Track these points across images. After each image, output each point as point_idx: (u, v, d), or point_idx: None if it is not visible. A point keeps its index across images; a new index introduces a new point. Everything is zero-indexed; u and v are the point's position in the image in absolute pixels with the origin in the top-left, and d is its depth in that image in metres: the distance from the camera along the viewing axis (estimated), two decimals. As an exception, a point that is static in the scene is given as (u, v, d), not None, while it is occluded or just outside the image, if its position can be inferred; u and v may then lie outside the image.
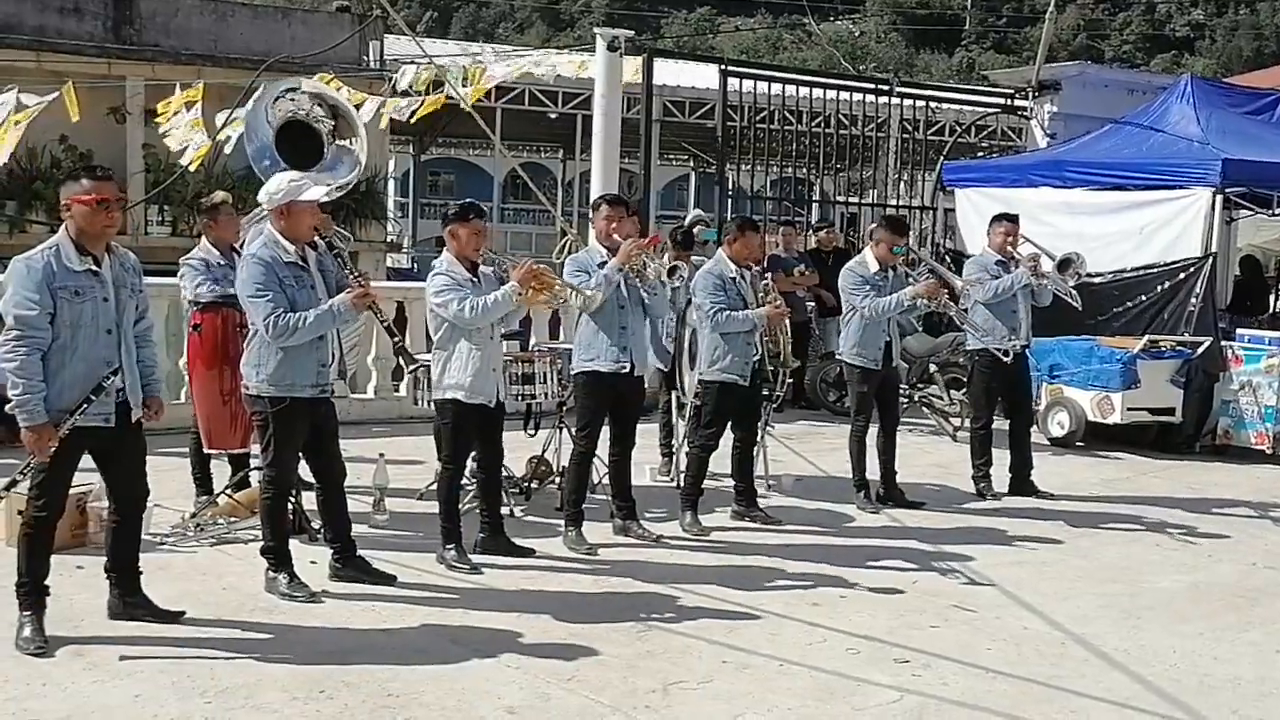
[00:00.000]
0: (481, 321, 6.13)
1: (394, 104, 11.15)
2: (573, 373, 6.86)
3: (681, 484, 7.51)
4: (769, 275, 7.73)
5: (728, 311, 7.13)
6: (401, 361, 6.60)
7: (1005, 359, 8.34)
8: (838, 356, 8.26)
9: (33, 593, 4.91)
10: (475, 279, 6.22)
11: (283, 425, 5.59)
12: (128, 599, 5.17)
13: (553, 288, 6.43)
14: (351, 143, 7.27)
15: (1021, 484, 8.47)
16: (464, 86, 11.49)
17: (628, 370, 6.69)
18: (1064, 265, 8.71)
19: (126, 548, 5.18)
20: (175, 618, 5.18)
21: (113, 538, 5.19)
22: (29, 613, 4.88)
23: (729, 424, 7.36)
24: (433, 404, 7.24)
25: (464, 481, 6.53)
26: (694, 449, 7.35)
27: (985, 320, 8.33)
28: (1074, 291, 8.82)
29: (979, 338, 8.38)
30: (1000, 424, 8.74)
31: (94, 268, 4.83)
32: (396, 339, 6.62)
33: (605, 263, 6.66)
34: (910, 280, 7.85)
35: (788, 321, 7.74)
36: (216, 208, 7.08)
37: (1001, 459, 8.52)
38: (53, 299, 4.72)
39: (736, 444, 7.45)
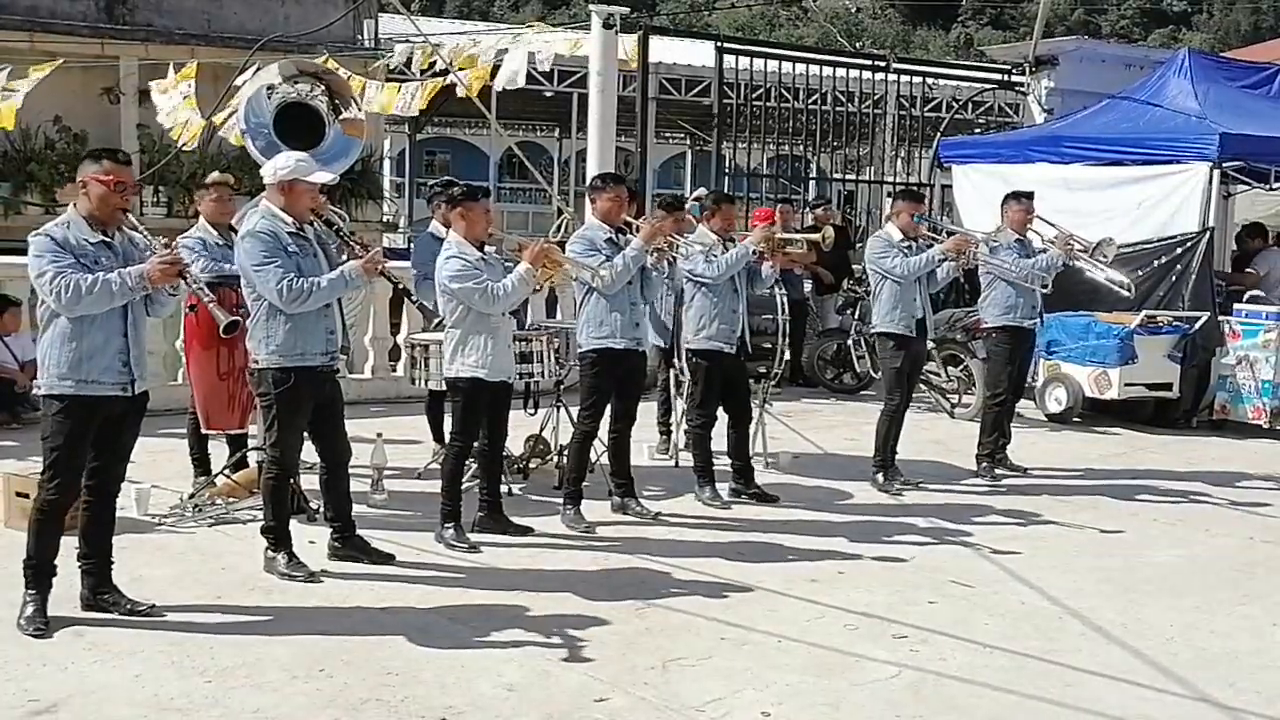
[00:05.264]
0: (502, 307, 6.14)
1: (394, 98, 11.06)
2: (582, 350, 6.77)
3: (685, 462, 7.49)
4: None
5: (718, 259, 7.10)
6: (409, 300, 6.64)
7: (1032, 329, 8.31)
8: (872, 329, 8.05)
9: (40, 574, 4.90)
10: (485, 258, 6.22)
11: (287, 405, 5.58)
12: (99, 590, 5.07)
13: (562, 266, 6.42)
14: (352, 110, 7.24)
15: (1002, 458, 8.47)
16: (461, 71, 11.43)
17: (639, 347, 6.69)
18: (1094, 250, 8.55)
19: (103, 534, 5.09)
20: (146, 611, 5.04)
21: (89, 523, 5.07)
22: (34, 592, 4.89)
23: (721, 401, 7.34)
24: (429, 383, 7.24)
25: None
26: (692, 428, 7.36)
27: (1008, 298, 8.24)
28: (1128, 283, 8.78)
29: (1001, 311, 8.24)
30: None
31: (106, 239, 4.90)
32: (414, 300, 6.59)
33: (611, 239, 6.66)
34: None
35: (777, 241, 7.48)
36: (211, 187, 7.08)
37: (973, 433, 8.55)
38: (76, 262, 4.78)
39: (730, 424, 7.45)
